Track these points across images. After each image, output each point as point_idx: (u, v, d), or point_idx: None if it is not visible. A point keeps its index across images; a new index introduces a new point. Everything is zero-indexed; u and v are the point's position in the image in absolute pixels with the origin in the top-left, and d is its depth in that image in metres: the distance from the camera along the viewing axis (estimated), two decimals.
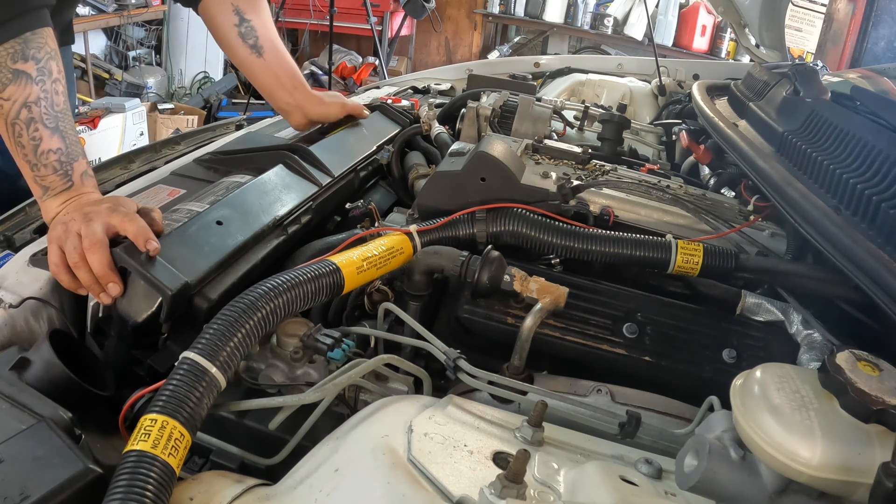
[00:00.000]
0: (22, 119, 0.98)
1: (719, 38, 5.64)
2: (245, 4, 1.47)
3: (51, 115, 1.00)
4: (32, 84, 0.98)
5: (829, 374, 0.62)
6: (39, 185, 1.02)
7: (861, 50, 2.19)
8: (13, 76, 0.97)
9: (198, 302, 0.96)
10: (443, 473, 0.65)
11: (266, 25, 1.49)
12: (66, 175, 1.02)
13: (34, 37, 0.98)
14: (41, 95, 0.98)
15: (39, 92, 0.98)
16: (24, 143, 0.99)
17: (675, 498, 0.70)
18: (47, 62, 0.99)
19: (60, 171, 1.02)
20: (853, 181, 0.98)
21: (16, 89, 0.97)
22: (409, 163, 1.58)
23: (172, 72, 5.78)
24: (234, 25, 1.45)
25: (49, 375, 0.80)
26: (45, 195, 1.02)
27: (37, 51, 0.98)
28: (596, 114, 1.89)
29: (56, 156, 1.01)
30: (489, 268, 1.00)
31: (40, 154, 1.00)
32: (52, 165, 1.01)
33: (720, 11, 2.23)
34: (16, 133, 0.99)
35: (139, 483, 0.60)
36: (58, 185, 1.02)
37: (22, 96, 0.97)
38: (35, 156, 1.00)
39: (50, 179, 1.01)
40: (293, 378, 0.91)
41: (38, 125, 0.99)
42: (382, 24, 5.98)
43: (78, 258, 0.93)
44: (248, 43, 1.47)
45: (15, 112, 0.98)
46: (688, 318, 1.07)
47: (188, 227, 1.03)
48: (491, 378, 0.88)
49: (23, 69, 0.97)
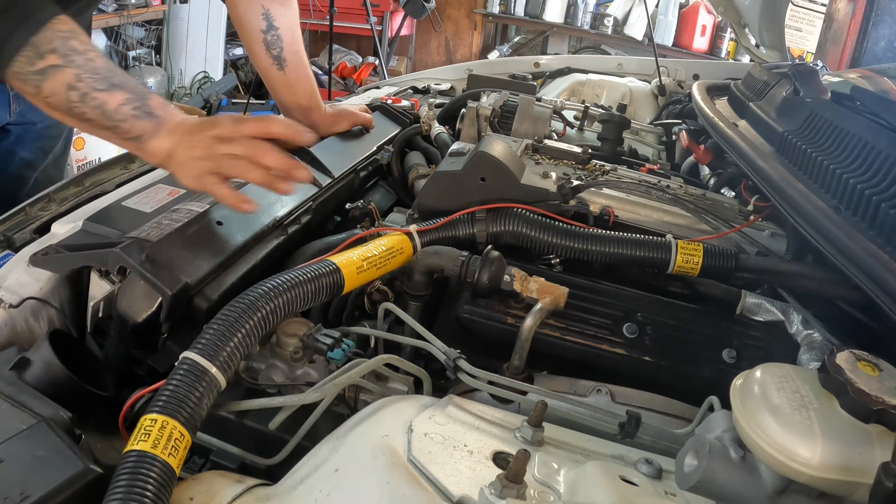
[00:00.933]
0: (75, 100, 0.97)
1: (719, 38, 5.64)
2: (276, 8, 1.44)
3: (98, 78, 0.98)
4: (63, 69, 0.97)
5: (829, 374, 0.62)
6: (130, 139, 1.02)
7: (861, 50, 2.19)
8: (41, 75, 0.96)
9: (198, 302, 0.96)
10: (443, 473, 0.65)
11: (293, 34, 1.47)
12: (149, 115, 1.02)
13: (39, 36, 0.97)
14: (78, 72, 0.97)
15: (75, 70, 0.97)
16: (91, 117, 0.99)
17: (675, 498, 0.70)
18: (66, 43, 0.98)
19: (139, 114, 1.01)
20: (853, 181, 0.98)
21: (52, 84, 0.96)
22: (409, 163, 1.58)
23: (172, 72, 5.78)
24: (261, 31, 1.43)
25: (49, 375, 0.80)
26: (141, 143, 1.02)
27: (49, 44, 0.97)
28: (596, 114, 1.89)
29: (128, 106, 1.00)
30: (489, 268, 1.00)
31: (112, 114, 0.99)
32: (130, 116, 1.00)
33: (720, 11, 2.23)
34: (78, 114, 0.99)
35: (139, 483, 0.60)
36: (147, 127, 1.01)
37: (62, 85, 0.97)
38: (109, 118, 0.99)
39: (137, 127, 1.01)
40: (293, 378, 0.91)
41: (92, 94, 0.98)
42: (382, 24, 5.98)
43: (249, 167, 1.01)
44: (273, 53, 1.45)
45: (65, 100, 0.97)
46: (688, 318, 1.07)
47: (188, 227, 1.03)
48: (491, 378, 0.88)
49: (46, 65, 0.96)
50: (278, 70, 1.47)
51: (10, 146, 1.64)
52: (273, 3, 1.43)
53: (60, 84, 0.97)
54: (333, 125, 1.58)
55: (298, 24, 1.49)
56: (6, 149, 1.64)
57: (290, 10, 1.47)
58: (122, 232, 1.03)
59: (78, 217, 1.11)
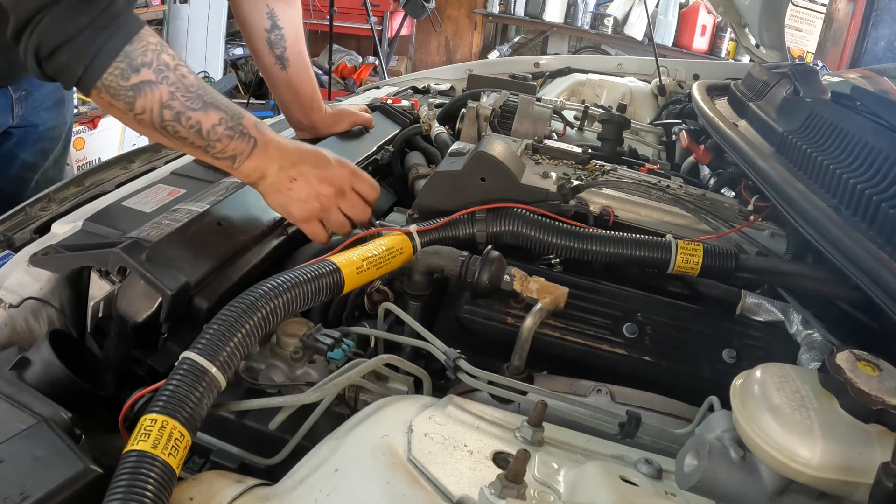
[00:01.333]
0: (168, 119, 0.97)
1: (719, 38, 5.64)
2: (280, 7, 1.44)
3: (191, 97, 0.98)
4: (158, 86, 0.95)
5: (829, 374, 0.62)
6: (223, 158, 1.02)
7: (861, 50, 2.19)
8: (134, 91, 0.94)
9: (198, 302, 0.96)
10: (443, 473, 0.65)
11: (297, 34, 1.47)
12: (244, 135, 1.02)
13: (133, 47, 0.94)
14: (172, 90, 0.96)
15: (169, 87, 0.96)
16: (184, 136, 0.98)
17: (675, 498, 0.70)
18: (158, 58, 0.96)
19: (235, 135, 1.01)
20: (853, 181, 0.98)
21: (145, 101, 0.95)
22: (409, 163, 1.58)
23: None
24: (265, 30, 1.43)
25: (49, 375, 0.80)
26: (235, 163, 1.03)
27: (143, 56, 0.94)
28: (596, 114, 1.89)
29: (222, 126, 1.00)
30: (489, 268, 1.00)
31: (207, 134, 0.99)
32: (224, 136, 1.00)
33: (720, 11, 2.23)
34: (171, 132, 0.98)
35: (139, 483, 0.60)
36: (242, 148, 1.02)
37: (156, 103, 0.95)
38: (203, 138, 0.99)
39: (232, 147, 1.01)
40: (293, 378, 0.91)
41: (187, 114, 0.97)
42: (382, 23, 5.98)
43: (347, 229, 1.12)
44: (276, 52, 1.45)
45: (158, 118, 0.96)
46: (688, 318, 1.07)
47: (188, 227, 1.03)
48: (491, 378, 0.88)
49: (140, 80, 0.94)
50: (281, 69, 1.47)
51: (11, 149, 1.65)
52: (278, 3, 1.43)
53: (154, 101, 0.95)
54: (333, 125, 1.58)
55: (301, 23, 1.50)
56: (7, 151, 1.64)
57: (294, 9, 1.47)
58: (122, 232, 1.03)
59: (78, 217, 1.12)
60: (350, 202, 1.10)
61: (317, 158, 1.10)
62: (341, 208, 1.09)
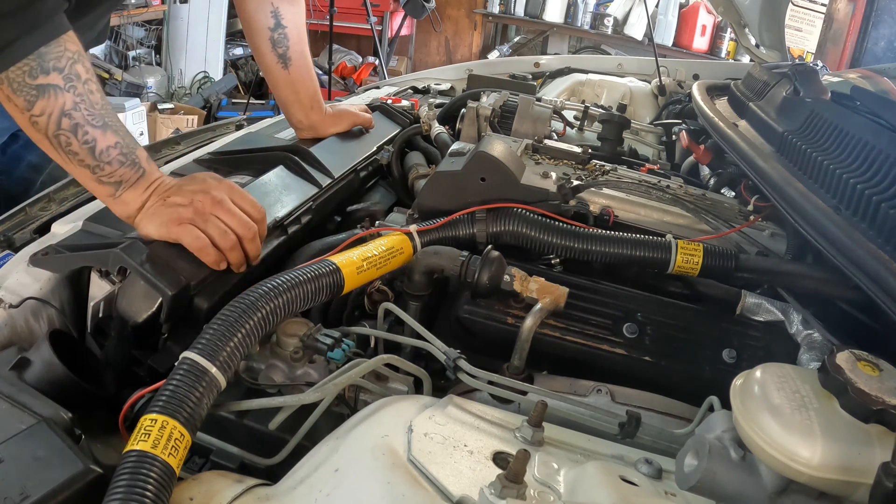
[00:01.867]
0: (66, 128, 0.94)
1: (719, 38, 5.64)
2: (285, 6, 1.43)
3: (94, 114, 0.96)
4: (63, 93, 0.93)
5: (829, 374, 0.62)
6: (108, 182, 0.99)
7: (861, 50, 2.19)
8: (38, 92, 0.92)
9: (198, 302, 0.96)
10: (443, 473, 0.65)
11: (300, 34, 1.46)
12: (134, 164, 1.00)
13: (49, 49, 0.93)
14: (77, 100, 0.94)
15: (74, 97, 0.94)
16: (75, 150, 0.96)
17: (675, 498, 0.70)
18: (71, 67, 0.95)
19: (127, 162, 0.99)
20: (853, 181, 0.98)
21: (46, 103, 0.92)
22: (409, 163, 1.58)
23: (172, 72, 5.78)
24: (269, 29, 1.42)
25: (49, 375, 0.80)
26: (118, 190, 0.99)
27: (56, 61, 0.93)
28: (596, 114, 1.89)
29: (117, 150, 0.98)
30: (489, 268, 1.00)
31: (99, 154, 0.97)
32: (116, 160, 0.98)
33: (720, 11, 2.23)
34: (63, 143, 0.95)
35: (139, 483, 0.60)
36: (129, 175, 1.00)
37: (57, 107, 0.93)
38: (94, 157, 0.97)
39: (119, 173, 0.99)
40: (293, 378, 0.91)
41: (85, 128, 0.95)
42: (382, 23, 5.98)
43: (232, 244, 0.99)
44: (278, 51, 1.44)
45: (55, 124, 0.94)
46: (688, 318, 1.07)
47: None
48: (491, 378, 0.88)
49: (46, 82, 0.92)
50: (283, 69, 1.47)
51: (18, 151, 1.65)
52: (282, 2, 1.43)
53: (55, 107, 0.93)
54: (333, 125, 1.58)
55: (304, 26, 1.49)
56: (14, 153, 1.65)
57: (298, 8, 1.47)
58: (122, 232, 1.03)
59: (78, 217, 1.12)
60: (229, 211, 1.00)
61: (193, 178, 1.04)
62: (219, 216, 0.99)
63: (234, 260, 1.00)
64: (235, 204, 1.02)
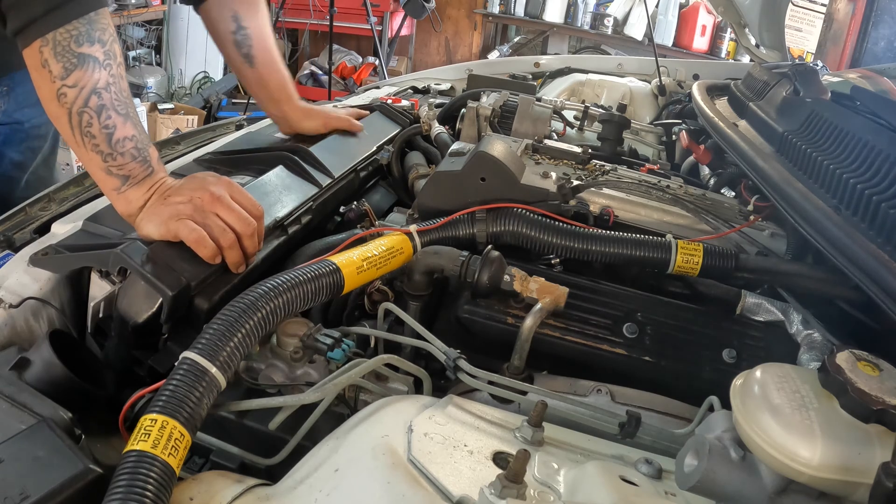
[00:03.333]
0: (92, 107, 0.91)
1: (719, 38, 5.64)
2: (244, 10, 1.46)
3: (121, 101, 0.95)
4: (101, 69, 0.91)
5: (829, 374, 0.62)
6: (116, 175, 0.97)
7: (861, 50, 2.19)
8: (79, 61, 0.89)
9: (198, 302, 0.96)
10: (443, 473, 0.65)
11: (262, 33, 1.49)
12: (145, 161, 0.98)
13: (97, 17, 0.91)
14: (110, 80, 0.93)
15: (108, 77, 0.92)
16: (94, 133, 0.93)
17: (675, 498, 0.70)
18: (112, 45, 0.93)
19: (139, 158, 0.98)
20: (853, 181, 0.98)
21: (82, 75, 0.90)
22: (409, 163, 1.58)
23: (172, 72, 5.78)
24: (231, 32, 1.45)
25: (49, 375, 0.80)
26: (124, 185, 0.98)
27: (101, 32, 0.91)
28: (596, 114, 1.89)
29: (132, 143, 0.96)
30: (489, 268, 1.00)
31: (115, 142, 0.94)
32: (129, 153, 0.96)
33: (720, 11, 2.23)
34: (83, 122, 0.92)
35: (139, 483, 0.60)
36: (138, 171, 0.98)
37: (91, 82, 0.90)
38: (109, 145, 0.94)
39: (129, 167, 0.97)
40: (293, 378, 0.91)
41: (110, 112, 0.93)
42: (382, 24, 5.98)
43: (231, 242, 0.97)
44: (242, 52, 1.47)
45: (83, 100, 0.91)
46: (688, 318, 1.07)
47: None
48: (491, 378, 0.88)
49: (89, 52, 0.90)
50: (249, 67, 1.49)
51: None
52: (241, 6, 1.46)
53: (89, 81, 0.90)
54: (304, 119, 1.57)
55: (267, 26, 1.51)
56: None
57: (258, 13, 1.50)
58: (122, 232, 1.03)
59: (78, 217, 1.12)
60: (227, 207, 0.99)
61: (193, 178, 1.03)
62: (219, 214, 0.98)
63: (233, 259, 1.00)
64: (235, 200, 1.01)
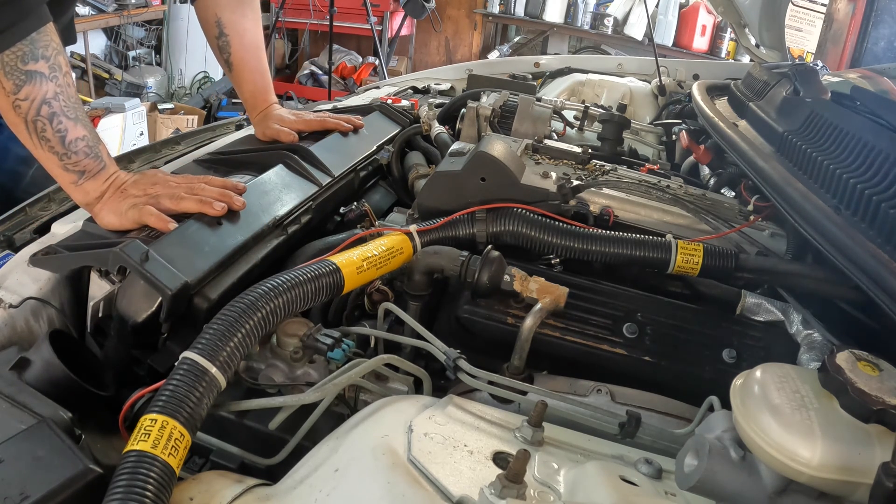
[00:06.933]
0: (44, 115, 1.02)
1: (719, 38, 5.64)
2: (227, 15, 1.51)
3: (69, 106, 1.04)
4: (47, 81, 1.02)
5: (829, 374, 0.62)
6: (72, 171, 1.07)
7: (861, 50, 2.19)
8: (27, 77, 1.00)
9: (198, 302, 0.96)
10: (443, 473, 0.65)
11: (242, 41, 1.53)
12: (97, 157, 1.09)
13: (40, 36, 1.01)
14: (58, 91, 1.03)
15: (55, 87, 1.02)
16: (48, 137, 1.03)
17: (675, 498, 0.70)
18: (56, 58, 1.03)
19: (91, 154, 1.08)
20: (853, 181, 0.98)
21: (31, 89, 1.00)
22: (409, 163, 1.58)
23: (172, 72, 5.78)
24: (215, 37, 1.52)
25: (49, 375, 0.80)
26: (81, 178, 1.07)
27: (45, 49, 1.01)
28: (596, 114, 1.89)
29: (84, 142, 1.07)
30: (489, 268, 1.00)
31: (69, 143, 1.05)
32: (82, 151, 1.07)
33: (720, 11, 2.23)
34: (38, 129, 1.03)
35: (139, 483, 0.60)
36: (92, 166, 1.08)
37: (40, 94, 1.01)
38: (63, 146, 1.05)
39: (84, 163, 1.07)
40: (293, 378, 0.91)
41: (60, 118, 1.03)
42: (382, 24, 5.98)
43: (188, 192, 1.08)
44: (224, 57, 1.54)
45: (35, 110, 1.01)
46: (688, 318, 1.07)
47: (188, 226, 1.03)
48: (491, 378, 0.88)
49: (35, 69, 1.00)
50: (229, 72, 1.56)
51: (4, 142, 1.64)
52: (225, 12, 1.51)
53: (38, 94, 1.01)
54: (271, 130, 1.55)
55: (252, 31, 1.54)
56: (1, 145, 1.64)
57: (242, 18, 1.53)
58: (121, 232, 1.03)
59: (78, 217, 1.12)
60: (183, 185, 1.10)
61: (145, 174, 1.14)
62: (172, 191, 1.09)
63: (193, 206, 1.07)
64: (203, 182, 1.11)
